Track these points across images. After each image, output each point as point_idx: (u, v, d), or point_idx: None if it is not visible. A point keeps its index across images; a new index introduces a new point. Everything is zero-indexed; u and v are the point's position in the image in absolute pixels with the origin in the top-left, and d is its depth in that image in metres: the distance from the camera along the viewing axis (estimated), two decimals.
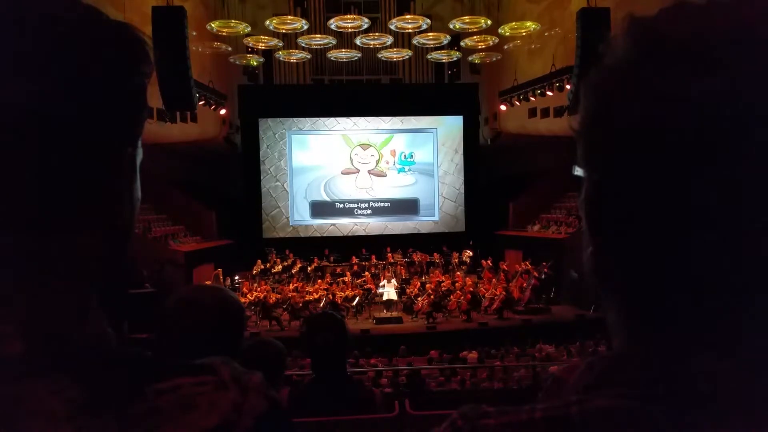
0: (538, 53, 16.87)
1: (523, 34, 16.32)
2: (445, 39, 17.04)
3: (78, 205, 0.51)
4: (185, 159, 18.53)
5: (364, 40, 17.10)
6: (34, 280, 0.49)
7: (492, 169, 19.85)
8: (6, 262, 0.49)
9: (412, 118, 20.06)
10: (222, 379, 0.51)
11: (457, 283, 14.71)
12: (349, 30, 17.08)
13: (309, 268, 17.08)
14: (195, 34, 13.81)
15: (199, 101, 13.83)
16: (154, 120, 13.23)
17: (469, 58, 18.45)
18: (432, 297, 14.13)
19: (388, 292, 14.82)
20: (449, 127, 20.29)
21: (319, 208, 19.91)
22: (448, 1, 19.89)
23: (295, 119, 19.90)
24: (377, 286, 15.10)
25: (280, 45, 17.43)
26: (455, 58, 19.03)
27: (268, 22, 16.23)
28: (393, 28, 16.81)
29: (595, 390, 0.46)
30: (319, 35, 17.59)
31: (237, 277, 16.45)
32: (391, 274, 15.54)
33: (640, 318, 0.48)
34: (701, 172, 0.42)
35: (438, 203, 20.30)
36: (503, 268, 15.88)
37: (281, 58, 18.36)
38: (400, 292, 15.00)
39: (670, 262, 0.44)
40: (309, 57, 18.46)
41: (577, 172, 0.51)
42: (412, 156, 20.20)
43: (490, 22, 16.02)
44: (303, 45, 17.42)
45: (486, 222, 19.08)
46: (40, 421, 0.45)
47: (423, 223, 20.24)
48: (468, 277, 15.37)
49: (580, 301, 13.85)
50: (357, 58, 18.63)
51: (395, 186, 20.18)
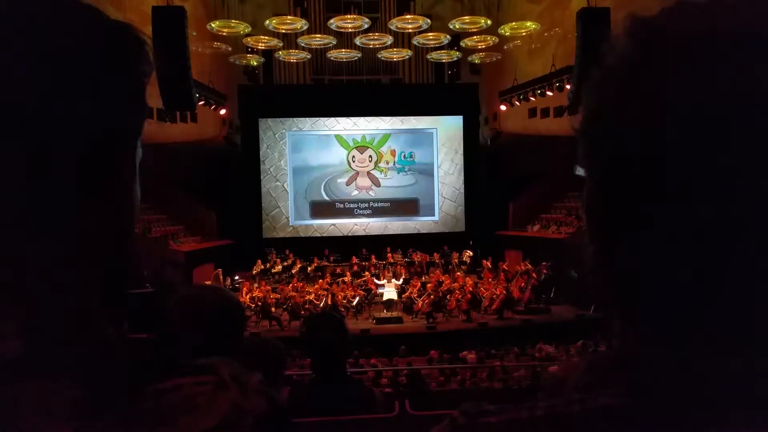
0: (538, 53, 16.86)
1: (523, 34, 16.31)
2: (445, 39, 17.03)
3: (78, 205, 0.51)
4: (185, 159, 18.52)
5: (364, 40, 17.09)
6: (34, 280, 0.49)
7: (492, 169, 19.84)
8: (6, 262, 0.49)
9: (412, 118, 20.05)
10: (222, 379, 0.51)
11: (456, 283, 14.71)
12: (349, 30, 17.07)
13: (309, 268, 17.08)
14: (195, 34, 13.80)
15: (199, 101, 13.83)
16: (154, 120, 13.23)
17: (469, 58, 18.44)
18: (432, 297, 14.13)
19: (388, 292, 14.82)
20: (449, 127, 20.28)
21: (319, 208, 19.91)
22: (448, 1, 19.86)
23: (295, 119, 19.89)
24: (377, 286, 15.10)
25: (280, 45, 17.43)
26: (455, 58, 19.01)
27: (267, 22, 16.23)
28: (393, 28, 16.80)
29: (596, 389, 0.46)
30: (319, 35, 17.58)
31: (237, 277, 16.45)
32: (391, 274, 15.54)
33: (640, 318, 0.48)
34: (702, 171, 0.42)
35: (438, 203, 20.29)
36: (503, 269, 15.88)
37: (281, 58, 18.35)
38: (400, 292, 15.00)
39: (670, 261, 0.44)
40: (309, 57, 18.45)
41: (579, 171, 0.51)
42: (411, 156, 20.19)
43: (490, 22, 16.02)
44: (303, 45, 17.41)
45: (486, 222, 19.07)
46: (40, 421, 0.45)
47: (423, 223, 20.23)
48: (468, 277, 15.37)
49: (580, 301, 13.85)
50: (357, 58, 18.62)
51: (395, 186, 20.17)
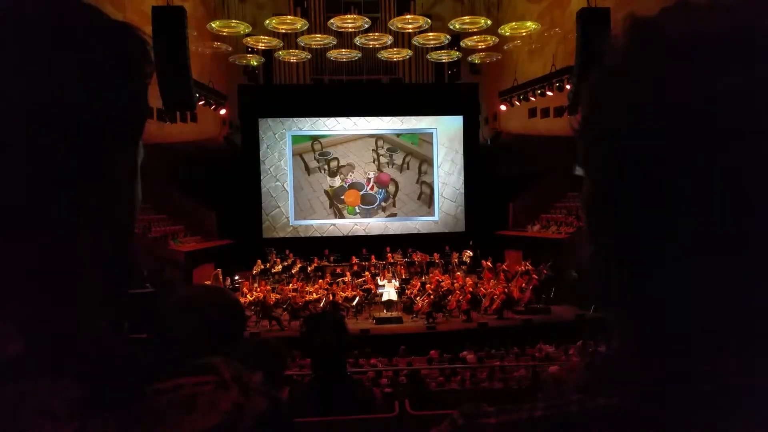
0: (538, 53, 16.86)
1: (523, 34, 16.30)
2: (445, 39, 17.02)
3: (78, 205, 0.51)
4: (185, 159, 18.52)
5: (364, 40, 17.08)
6: (34, 279, 0.49)
7: (492, 169, 19.82)
8: (6, 262, 0.49)
9: (412, 118, 20.05)
10: (222, 379, 0.51)
11: (456, 283, 14.70)
12: (349, 30, 17.06)
13: (309, 268, 17.07)
14: (195, 34, 13.80)
15: (199, 101, 13.82)
16: (154, 120, 13.22)
17: (469, 58, 18.43)
18: (432, 297, 14.12)
19: (388, 292, 14.81)
20: (449, 127, 20.27)
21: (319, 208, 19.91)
22: (448, 1, 19.86)
23: (295, 119, 19.89)
24: (377, 286, 15.10)
25: (280, 45, 17.42)
26: (455, 58, 19.01)
27: (268, 22, 16.22)
28: (393, 28, 16.79)
29: (595, 389, 0.46)
30: (319, 35, 17.57)
31: (237, 277, 16.44)
32: (391, 274, 15.53)
33: (640, 317, 0.48)
34: (702, 171, 0.42)
35: (438, 203, 20.29)
36: (503, 269, 15.87)
37: (281, 58, 18.35)
38: (400, 292, 14.99)
39: (670, 261, 0.44)
40: (309, 57, 18.45)
41: (578, 171, 0.51)
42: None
43: (490, 22, 16.01)
44: (303, 45, 17.41)
45: (486, 222, 19.06)
46: (40, 421, 0.45)
47: (423, 223, 20.23)
48: (468, 277, 15.36)
49: (580, 301, 13.84)
50: (357, 58, 18.62)
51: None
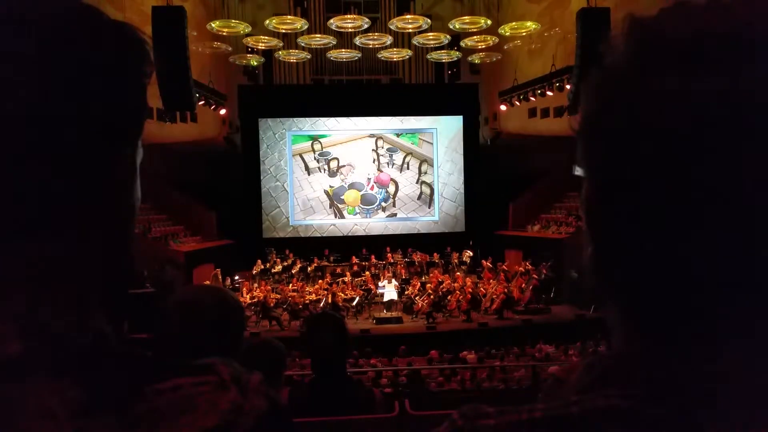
0: (538, 53, 16.86)
1: (523, 34, 16.30)
2: (445, 39, 17.02)
3: (78, 205, 0.51)
4: (185, 159, 18.52)
5: (364, 40, 17.08)
6: (34, 280, 0.49)
7: (492, 169, 19.82)
8: (6, 262, 0.49)
9: (412, 118, 20.05)
10: (222, 379, 0.51)
11: (456, 283, 14.70)
12: (349, 30, 17.06)
13: (309, 268, 17.07)
14: (195, 34, 13.81)
15: (199, 101, 13.82)
16: (154, 120, 13.23)
17: (469, 58, 18.43)
18: (432, 297, 14.12)
19: (388, 292, 14.81)
20: (449, 127, 20.27)
21: (319, 208, 19.91)
22: (448, 1, 19.87)
23: (295, 119, 19.88)
24: (377, 286, 15.09)
25: (280, 45, 17.42)
26: (455, 58, 19.01)
27: (267, 22, 16.22)
28: (393, 28, 16.79)
29: (595, 390, 0.46)
30: (319, 35, 17.57)
31: (237, 277, 16.44)
32: (391, 274, 15.53)
33: (640, 318, 0.48)
34: (701, 171, 0.42)
35: (438, 203, 20.29)
36: (503, 269, 15.87)
37: (281, 58, 18.35)
38: (400, 292, 14.99)
39: (670, 261, 0.44)
40: (309, 57, 18.45)
41: (577, 172, 0.51)
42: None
43: (490, 22, 16.00)
44: (303, 45, 17.41)
45: (486, 222, 19.06)
46: (40, 421, 0.45)
47: (423, 223, 20.24)
48: (468, 277, 15.36)
49: (580, 301, 13.84)
50: (357, 58, 18.62)
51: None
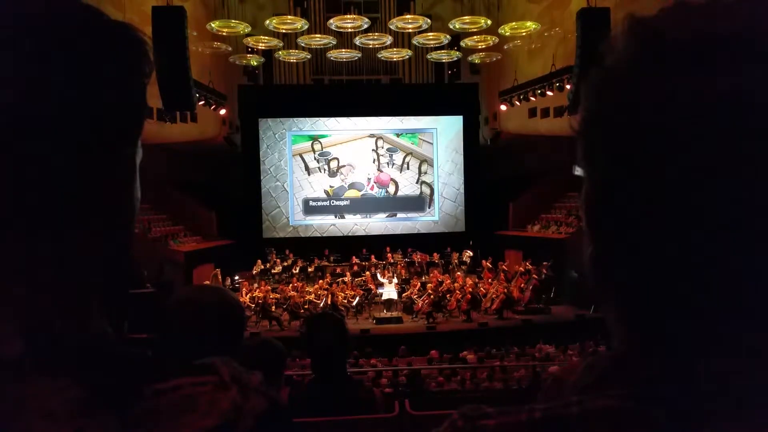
0: (538, 53, 16.86)
1: (523, 34, 16.30)
2: (445, 39, 17.02)
3: (78, 205, 0.51)
4: (185, 159, 18.53)
5: (364, 40, 17.09)
6: (34, 280, 0.49)
7: (492, 169, 19.83)
8: (7, 262, 0.49)
9: (412, 118, 20.05)
10: (222, 379, 0.51)
11: (456, 283, 14.70)
12: (349, 30, 17.06)
13: (309, 268, 17.07)
14: (195, 34, 13.80)
15: (199, 101, 13.82)
16: (154, 120, 13.22)
17: (469, 58, 18.43)
18: (432, 297, 14.12)
19: (388, 292, 14.81)
20: (449, 127, 20.27)
21: (319, 207, 19.91)
22: (448, 1, 19.87)
23: (295, 119, 19.88)
24: (377, 286, 15.09)
25: (280, 45, 17.42)
26: (455, 58, 19.02)
27: (268, 22, 16.22)
28: (393, 28, 16.80)
29: (595, 390, 0.46)
30: (319, 35, 17.58)
31: (237, 277, 16.44)
32: (391, 274, 15.53)
33: (640, 318, 0.48)
34: (701, 171, 0.42)
35: (438, 203, 20.28)
36: (503, 269, 15.87)
37: (281, 58, 18.35)
38: (400, 292, 14.98)
39: (670, 261, 0.44)
40: (309, 57, 18.45)
41: (578, 172, 0.51)
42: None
43: (490, 22, 16.01)
44: (303, 45, 17.41)
45: (486, 222, 19.06)
46: (40, 421, 0.45)
47: (423, 223, 20.23)
48: (468, 277, 15.36)
49: (580, 301, 13.84)
50: (357, 58, 18.62)
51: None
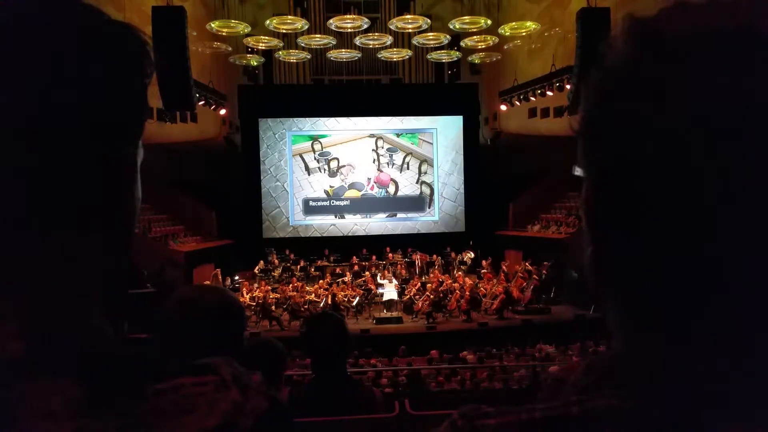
0: (538, 53, 16.85)
1: (523, 34, 16.30)
2: (445, 39, 17.02)
3: (79, 205, 0.51)
4: (185, 159, 18.52)
5: (364, 40, 17.08)
6: (35, 280, 0.49)
7: (492, 169, 19.83)
8: (7, 263, 0.49)
9: (412, 118, 20.05)
10: (222, 379, 0.51)
11: (456, 284, 14.70)
12: (349, 30, 17.06)
13: (310, 269, 17.08)
14: (195, 34, 13.79)
15: (199, 101, 13.81)
16: (154, 120, 13.22)
17: (469, 58, 18.42)
18: (432, 297, 14.11)
19: (389, 292, 14.80)
20: (449, 126, 20.26)
21: (319, 207, 19.92)
22: (448, 1, 19.86)
23: (295, 119, 19.87)
24: (377, 286, 15.09)
25: (280, 45, 17.42)
26: (455, 58, 19.01)
27: (268, 22, 16.22)
28: (393, 28, 16.79)
29: (595, 390, 0.46)
30: (319, 35, 17.58)
31: (237, 277, 16.44)
32: (391, 274, 15.52)
33: (640, 318, 0.48)
34: (702, 171, 0.42)
35: (438, 203, 20.28)
36: (503, 269, 15.86)
37: (281, 58, 18.35)
38: (400, 292, 14.98)
39: (670, 261, 0.44)
40: (309, 57, 18.45)
41: (577, 172, 0.51)
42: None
43: (490, 22, 16.01)
44: (303, 45, 17.41)
45: (486, 222, 19.05)
46: (40, 421, 0.45)
47: (423, 223, 20.23)
48: (468, 277, 15.35)
49: (580, 301, 13.84)
50: (357, 58, 18.62)
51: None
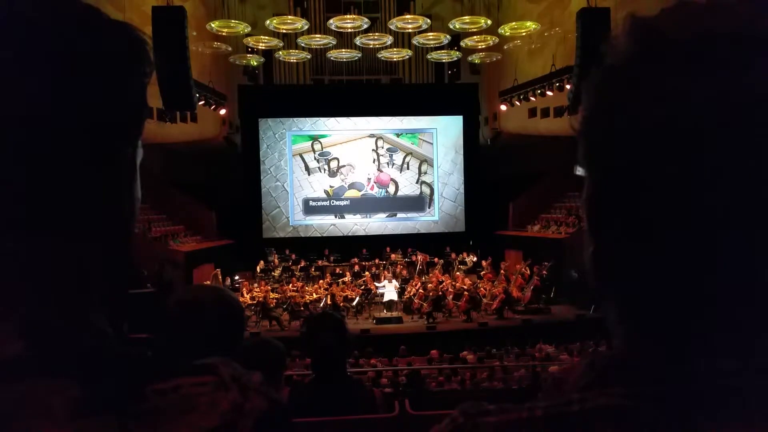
0: (538, 53, 16.86)
1: (523, 34, 16.31)
2: (445, 39, 17.02)
3: (78, 205, 0.51)
4: (185, 159, 18.53)
5: (364, 40, 17.09)
6: (34, 280, 0.49)
7: (492, 169, 19.83)
8: (7, 263, 0.49)
9: (412, 118, 20.05)
10: (222, 379, 0.51)
11: (456, 284, 14.70)
12: (349, 30, 17.07)
13: (310, 269, 17.08)
14: (195, 34, 13.80)
15: (199, 101, 13.82)
16: (154, 120, 13.22)
17: (469, 58, 18.44)
18: (431, 295, 14.10)
19: (389, 292, 14.80)
20: (449, 127, 20.27)
21: (319, 207, 19.92)
22: (448, 1, 19.87)
23: (295, 119, 19.89)
24: (377, 286, 15.09)
25: (280, 45, 17.43)
26: (455, 58, 19.02)
27: (268, 22, 16.23)
28: (393, 28, 16.80)
29: (596, 388, 0.46)
30: (319, 35, 17.58)
31: (237, 277, 16.44)
32: (391, 275, 15.52)
33: (641, 317, 0.48)
34: (702, 171, 0.42)
35: (438, 203, 20.28)
36: (502, 269, 15.84)
37: (281, 58, 18.36)
38: (400, 292, 14.98)
39: (670, 261, 0.44)
40: (309, 57, 18.45)
41: (579, 171, 0.51)
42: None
43: (490, 22, 16.01)
44: (303, 45, 17.42)
45: (486, 222, 19.06)
46: (40, 421, 0.45)
47: (423, 223, 20.23)
48: (468, 277, 15.35)
49: (580, 301, 13.85)
50: (357, 58, 18.63)
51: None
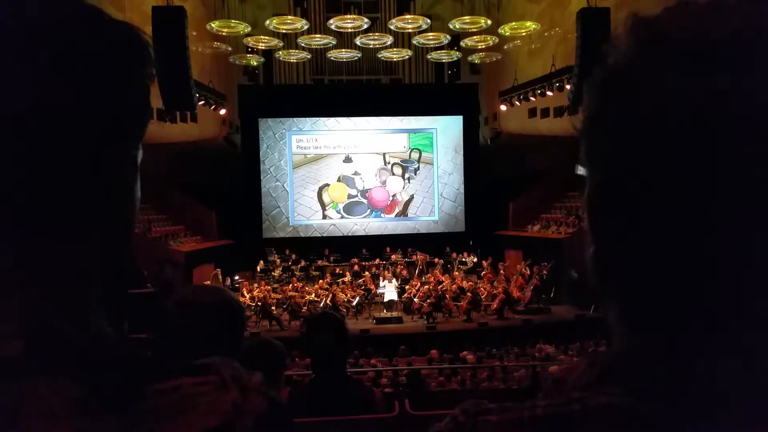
0: (538, 53, 16.86)
1: (523, 34, 16.30)
2: (445, 39, 17.02)
3: (79, 206, 0.51)
4: (185, 159, 18.51)
5: (364, 40, 17.09)
6: (34, 279, 0.49)
7: (492, 169, 19.83)
8: (7, 262, 0.49)
9: (412, 118, 20.06)
10: (222, 379, 0.51)
11: (456, 284, 14.70)
12: (349, 30, 17.06)
13: (310, 268, 17.08)
14: (195, 34, 13.80)
15: (199, 101, 13.81)
16: (154, 120, 13.23)
17: (469, 58, 18.43)
18: (432, 295, 14.11)
19: (389, 292, 14.80)
20: (449, 127, 20.28)
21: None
22: (448, 1, 19.87)
23: (295, 119, 19.90)
24: (377, 286, 15.08)
25: (280, 45, 17.43)
26: (455, 58, 19.02)
27: (268, 22, 16.22)
28: (393, 28, 16.80)
29: (596, 388, 0.46)
30: (319, 35, 17.58)
31: (237, 277, 16.44)
32: (391, 275, 15.51)
33: (641, 317, 0.48)
34: (703, 171, 0.42)
35: (438, 203, 20.29)
36: (501, 270, 15.85)
37: (281, 58, 18.36)
38: (400, 292, 14.98)
39: (671, 261, 0.44)
40: (309, 57, 18.45)
41: (580, 171, 0.51)
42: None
43: (490, 22, 16.00)
44: (303, 45, 17.42)
45: (486, 222, 19.07)
46: (40, 421, 0.45)
47: (422, 223, 20.24)
48: (468, 278, 15.35)
49: (580, 301, 13.85)
50: (357, 58, 18.63)
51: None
